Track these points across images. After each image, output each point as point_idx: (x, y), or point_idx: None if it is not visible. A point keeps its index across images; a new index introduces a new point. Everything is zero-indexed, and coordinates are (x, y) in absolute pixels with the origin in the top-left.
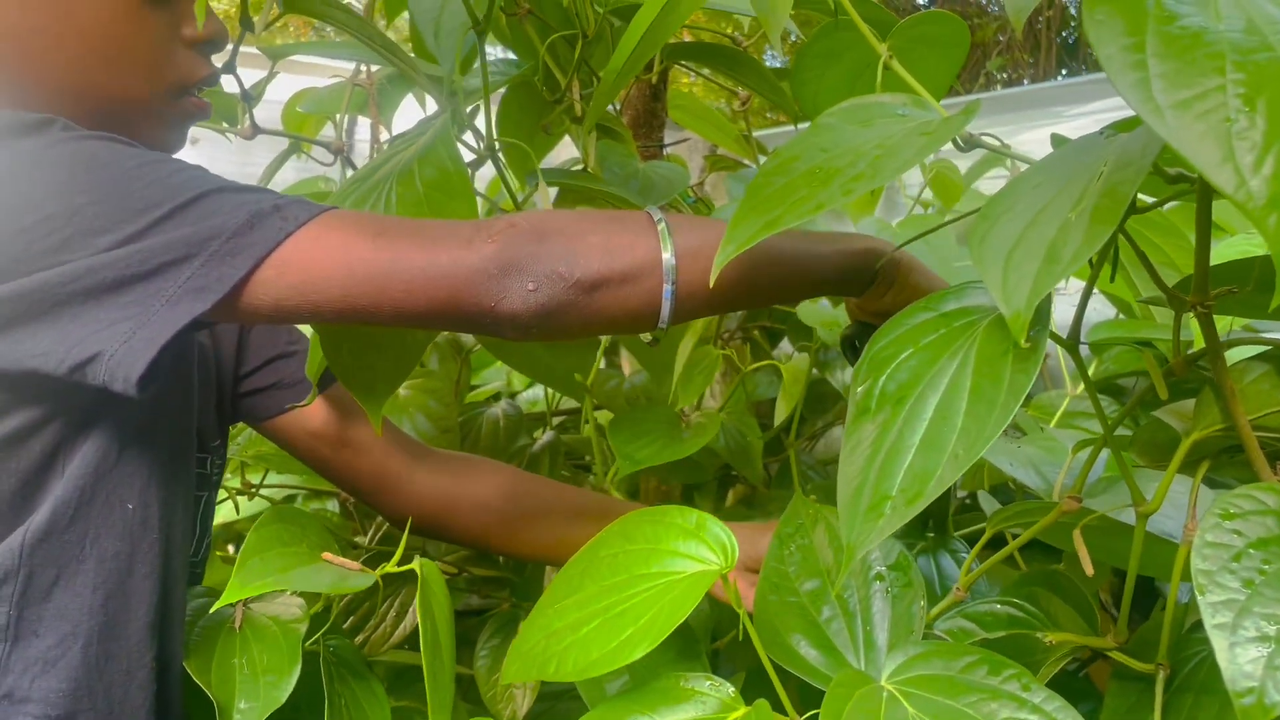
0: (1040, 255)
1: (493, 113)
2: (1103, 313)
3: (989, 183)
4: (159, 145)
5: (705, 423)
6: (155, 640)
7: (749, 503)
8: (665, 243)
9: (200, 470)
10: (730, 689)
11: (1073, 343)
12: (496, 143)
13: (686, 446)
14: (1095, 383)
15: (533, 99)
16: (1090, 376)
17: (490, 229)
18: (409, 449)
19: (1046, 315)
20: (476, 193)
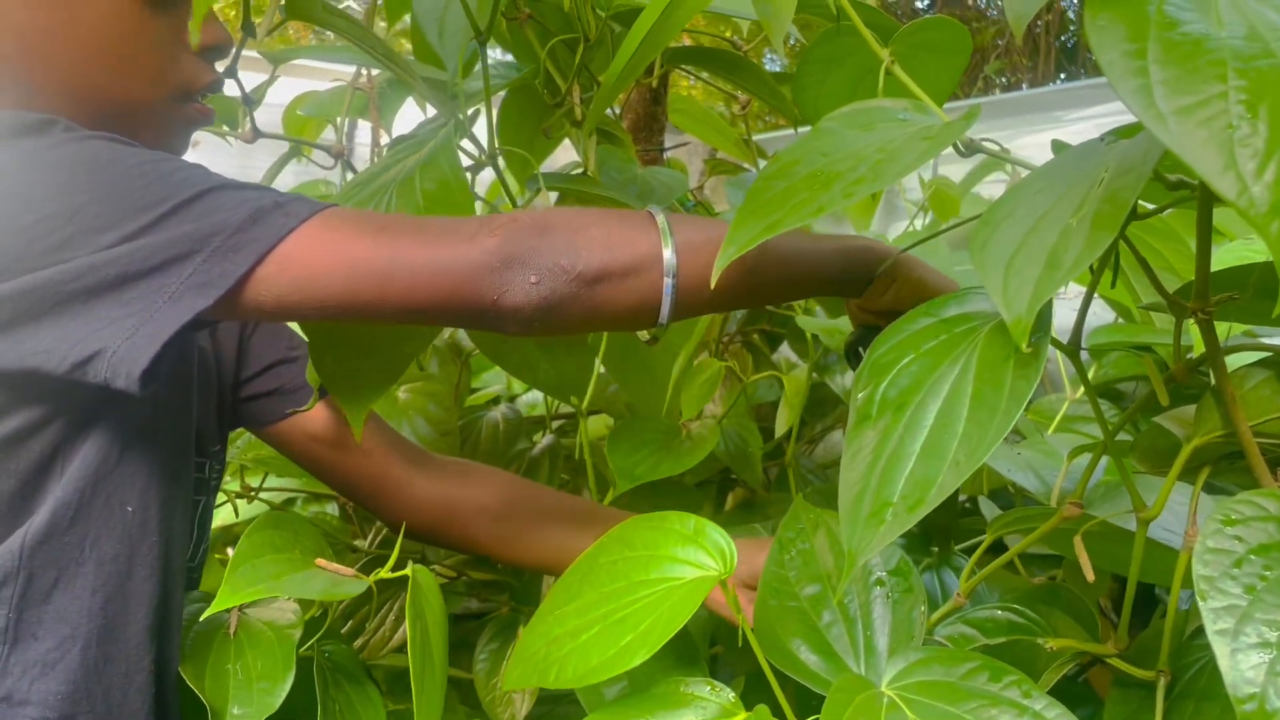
0: (1041, 261)
1: (493, 116)
2: (1102, 317)
3: (987, 187)
4: (162, 150)
5: (705, 434)
6: (154, 643)
7: (749, 506)
8: (666, 238)
9: (199, 474)
10: (730, 694)
11: (1073, 348)
12: (497, 149)
13: (686, 460)
14: (1095, 387)
15: (533, 102)
16: (1090, 381)
17: (492, 224)
18: (408, 454)
19: (1048, 321)
20: (476, 196)
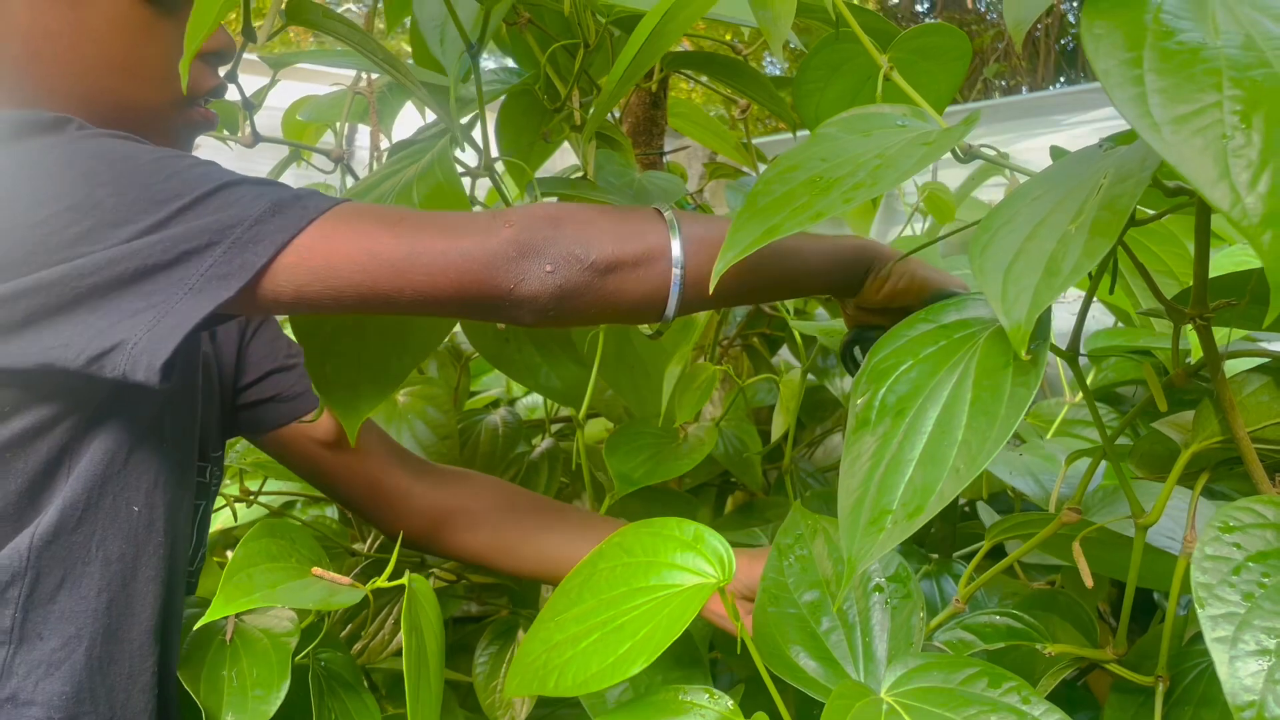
0: (1040, 268)
1: (491, 122)
2: (1100, 320)
3: (986, 191)
4: None
5: (703, 437)
6: (158, 645)
7: (748, 510)
8: (673, 231)
9: (200, 479)
10: (729, 702)
11: (1072, 354)
12: (495, 156)
13: (684, 463)
14: (1093, 391)
15: (532, 107)
16: (1089, 387)
17: (506, 216)
18: (406, 462)
19: (1047, 328)
20: (475, 201)
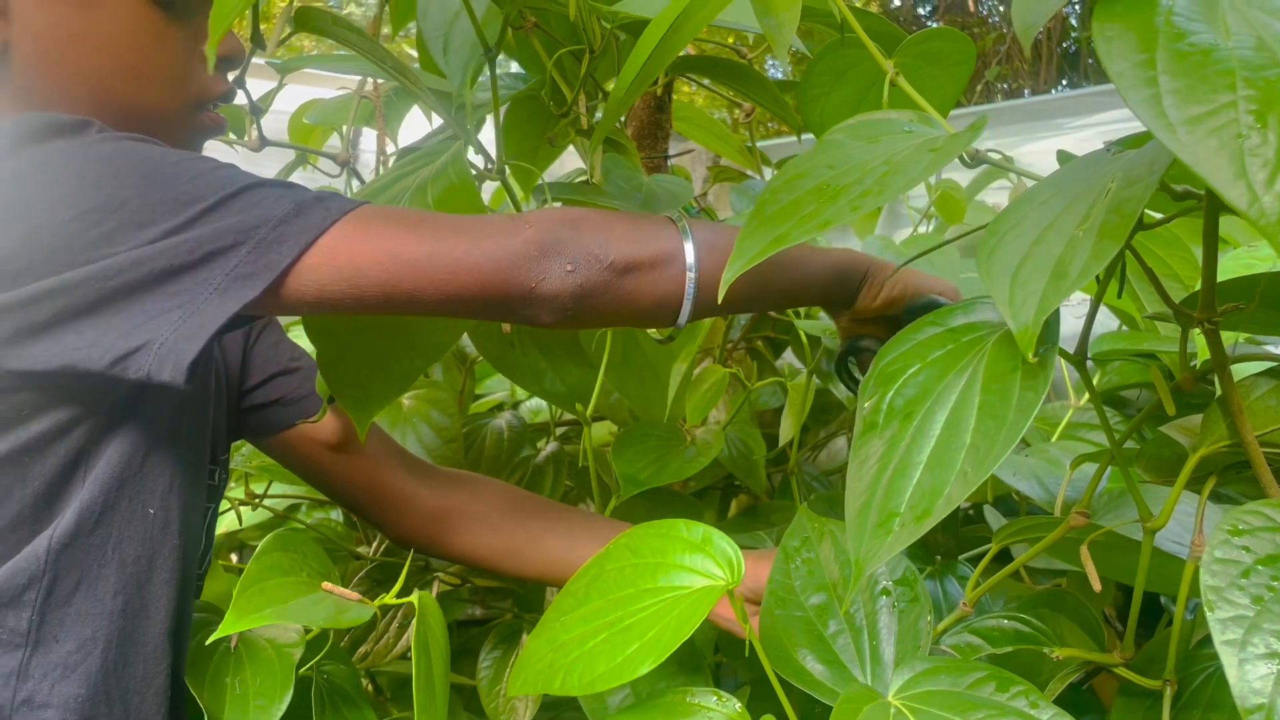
0: (1047, 271)
1: (500, 129)
2: (1105, 324)
3: (991, 194)
4: None
5: (710, 440)
6: (171, 648)
7: (752, 513)
8: (686, 236)
9: (209, 482)
10: (736, 704)
11: (1079, 357)
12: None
13: (690, 466)
14: (1099, 395)
15: (537, 111)
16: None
17: (526, 218)
18: (410, 466)
19: (1055, 332)
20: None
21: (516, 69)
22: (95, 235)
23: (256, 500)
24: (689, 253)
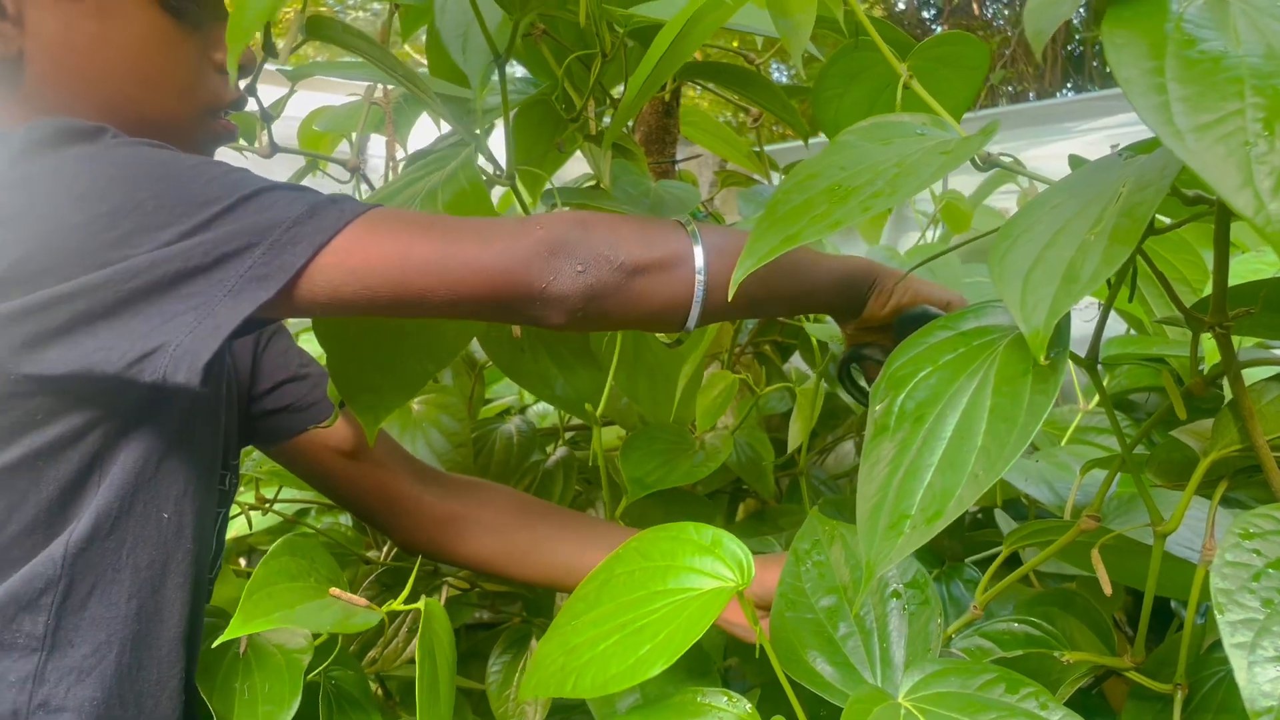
0: (1059, 275)
1: (510, 133)
2: (1112, 328)
3: (997, 198)
4: None
5: (719, 445)
6: (185, 651)
7: (760, 518)
8: (695, 239)
9: (220, 487)
10: (747, 705)
11: (1091, 361)
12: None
13: (698, 470)
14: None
15: (546, 117)
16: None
17: (537, 220)
18: (418, 471)
19: (1066, 335)
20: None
21: (524, 74)
22: (111, 238)
23: (267, 505)
24: (698, 255)
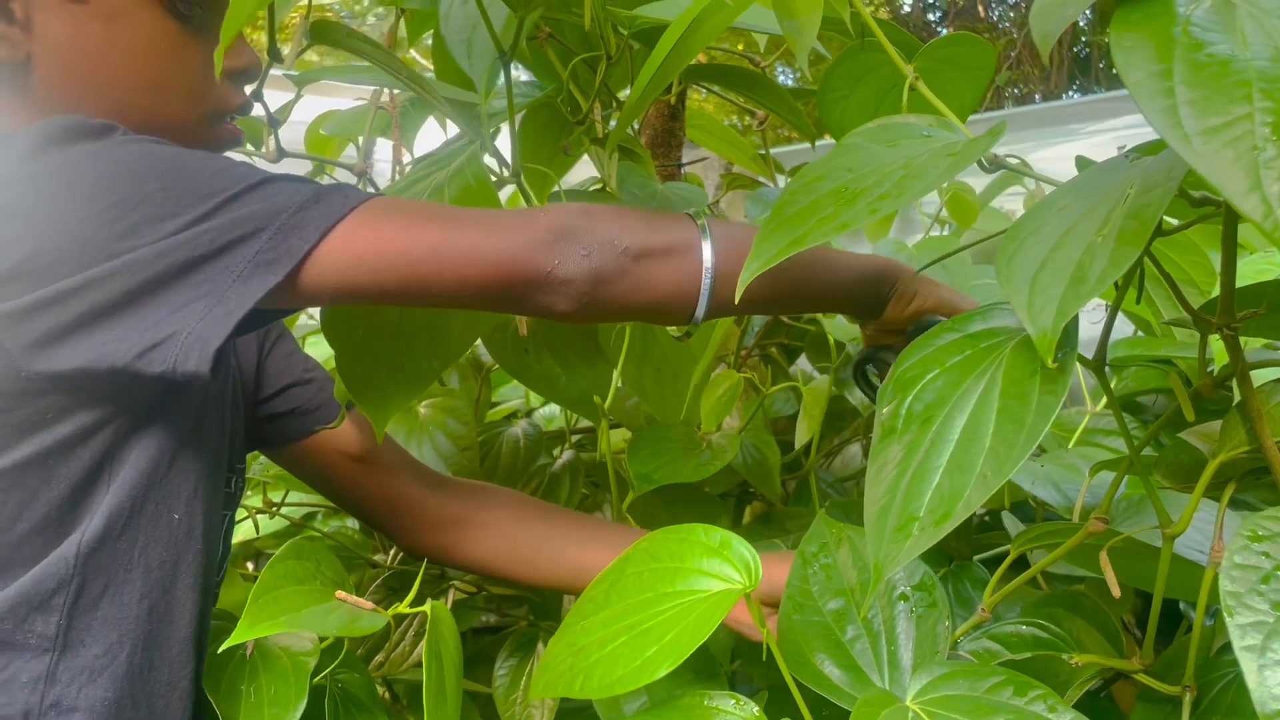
0: (1066, 276)
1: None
2: (1119, 330)
3: (1003, 199)
4: None
5: (725, 444)
6: (195, 652)
7: (766, 520)
8: (704, 230)
9: (226, 489)
10: (754, 708)
11: (1098, 363)
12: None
13: (705, 469)
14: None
15: (552, 119)
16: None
17: (543, 208)
18: (423, 476)
19: (1074, 336)
20: None
21: (529, 78)
22: (120, 228)
23: (273, 508)
24: (705, 245)
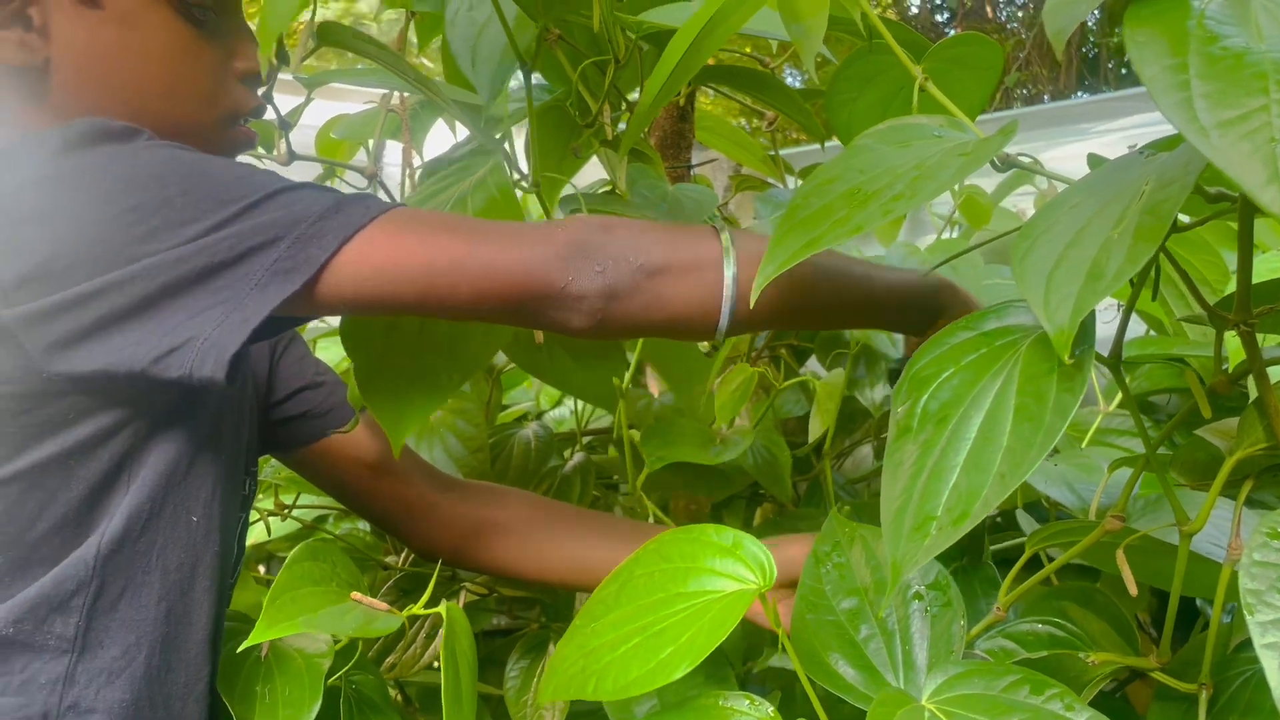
0: (1082, 273)
1: (517, 137)
2: (1131, 330)
3: (1013, 199)
4: None
5: (737, 438)
6: (212, 655)
7: (777, 522)
8: (728, 248)
9: (241, 491)
10: (769, 708)
11: (1114, 360)
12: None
13: (717, 459)
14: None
15: (562, 122)
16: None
17: (561, 222)
18: (433, 478)
19: (1091, 334)
20: None
21: (538, 80)
22: (140, 232)
23: (286, 511)
24: (728, 261)
